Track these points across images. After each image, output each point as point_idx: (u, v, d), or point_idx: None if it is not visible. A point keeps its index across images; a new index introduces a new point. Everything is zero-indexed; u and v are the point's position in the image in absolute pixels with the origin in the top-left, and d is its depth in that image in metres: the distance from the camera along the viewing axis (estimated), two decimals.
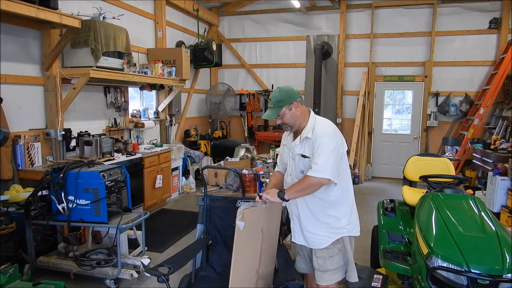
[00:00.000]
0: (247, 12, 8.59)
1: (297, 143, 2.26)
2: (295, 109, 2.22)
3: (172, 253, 3.11)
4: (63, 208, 3.22)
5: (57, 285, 2.79)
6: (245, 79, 8.84)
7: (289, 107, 2.21)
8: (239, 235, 2.03)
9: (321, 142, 2.12)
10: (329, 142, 2.12)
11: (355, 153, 7.76)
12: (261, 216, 2.20)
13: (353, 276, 2.34)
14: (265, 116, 2.27)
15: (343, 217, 2.26)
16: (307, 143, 2.20)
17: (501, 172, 5.20)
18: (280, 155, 2.49)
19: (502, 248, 2.08)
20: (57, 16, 3.76)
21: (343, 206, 2.27)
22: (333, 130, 2.21)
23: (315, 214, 2.26)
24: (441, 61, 7.54)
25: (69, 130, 4.60)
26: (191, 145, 7.56)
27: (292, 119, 2.23)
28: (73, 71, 4.43)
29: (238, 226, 2.02)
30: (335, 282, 2.29)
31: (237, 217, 2.03)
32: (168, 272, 2.14)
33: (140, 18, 6.18)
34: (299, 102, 2.24)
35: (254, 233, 2.15)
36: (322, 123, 2.23)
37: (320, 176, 2.07)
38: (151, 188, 5.53)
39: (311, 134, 2.18)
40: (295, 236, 2.36)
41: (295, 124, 2.25)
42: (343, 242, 2.28)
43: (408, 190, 3.60)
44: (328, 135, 2.15)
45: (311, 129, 2.20)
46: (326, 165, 2.07)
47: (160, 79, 5.89)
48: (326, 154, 2.09)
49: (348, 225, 2.28)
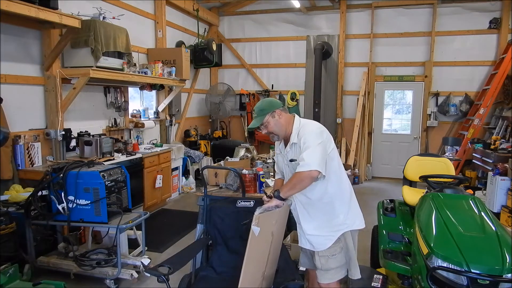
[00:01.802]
0: (247, 12, 8.59)
1: (288, 149, 2.33)
2: (279, 116, 2.28)
3: (172, 253, 3.10)
4: (63, 208, 3.22)
5: (57, 285, 2.79)
6: (245, 79, 8.84)
7: (272, 115, 2.27)
8: (253, 239, 2.02)
9: (306, 139, 2.17)
10: (314, 138, 2.17)
11: (355, 153, 7.77)
12: (274, 220, 2.21)
13: (355, 274, 2.35)
14: (250, 125, 2.36)
15: (341, 213, 2.28)
16: (295, 148, 2.26)
17: (501, 172, 5.20)
18: (277, 163, 2.57)
19: (502, 248, 2.08)
20: (57, 16, 3.76)
21: (340, 203, 2.29)
22: (317, 127, 2.26)
23: (313, 216, 2.29)
24: (441, 61, 7.54)
25: (69, 130, 4.60)
26: (191, 145, 7.57)
27: (277, 127, 2.29)
28: (73, 71, 4.43)
29: (253, 231, 2.02)
30: (336, 280, 2.30)
31: (253, 222, 2.03)
32: (168, 272, 2.14)
33: (140, 18, 6.18)
34: (281, 110, 2.30)
35: (265, 236, 2.16)
36: (306, 125, 2.29)
37: (307, 169, 2.09)
38: (151, 188, 5.53)
39: (297, 139, 2.24)
40: (301, 241, 2.39)
41: (280, 132, 2.32)
42: (345, 239, 2.29)
43: (408, 190, 3.59)
44: (312, 133, 2.20)
45: (296, 134, 2.27)
46: (312, 158, 2.10)
47: (160, 79, 5.89)
48: (311, 148, 2.12)
49: (347, 220, 2.29)
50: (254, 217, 2.05)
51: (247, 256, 1.99)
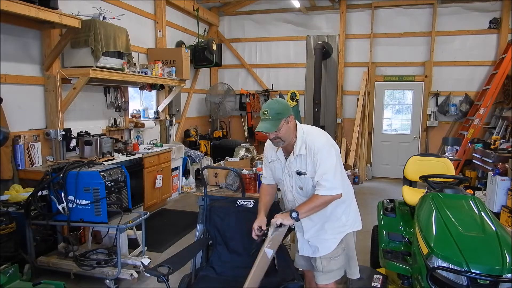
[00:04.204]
0: (247, 12, 8.59)
1: (291, 160, 2.20)
2: (290, 122, 2.14)
3: (172, 253, 3.10)
4: (63, 208, 3.22)
5: (57, 285, 2.78)
6: (245, 79, 8.84)
7: (286, 120, 2.10)
8: (263, 260, 2.00)
9: (321, 157, 2.09)
10: (329, 155, 2.10)
11: (355, 153, 7.77)
12: (282, 235, 2.20)
13: (355, 273, 2.36)
14: (262, 128, 2.09)
15: (342, 215, 2.28)
16: (302, 159, 2.16)
17: (501, 172, 5.20)
18: (266, 167, 2.40)
19: (502, 248, 2.08)
20: (57, 16, 3.75)
21: (341, 205, 2.28)
22: (326, 138, 2.18)
23: (316, 221, 2.27)
24: (441, 61, 7.54)
25: (69, 130, 4.60)
26: (191, 145, 7.56)
27: (288, 133, 2.13)
28: (73, 71, 4.43)
29: (266, 253, 1.98)
30: (334, 280, 2.31)
31: (266, 244, 2.00)
32: (168, 272, 2.13)
33: (140, 18, 6.18)
34: (292, 115, 2.16)
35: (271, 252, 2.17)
36: (311, 134, 2.18)
37: (333, 194, 2.08)
38: (151, 188, 5.53)
39: (304, 150, 2.14)
40: (303, 249, 2.35)
41: (288, 138, 2.15)
42: (346, 240, 2.30)
43: (408, 190, 3.60)
44: (325, 148, 2.11)
45: (302, 144, 2.15)
46: (336, 181, 2.08)
47: (160, 79, 5.89)
48: (332, 169, 2.07)
49: (349, 221, 2.30)
50: (267, 239, 2.01)
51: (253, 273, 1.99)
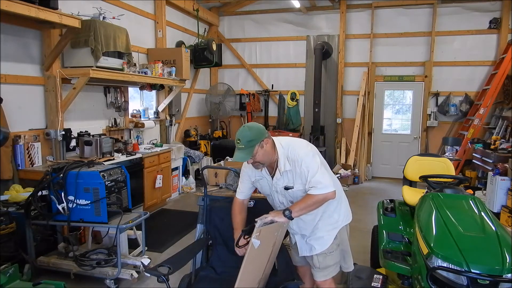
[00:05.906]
0: (247, 12, 8.59)
1: (278, 177, 2.20)
2: (266, 145, 2.10)
3: (172, 253, 3.10)
4: (63, 208, 3.22)
5: (57, 285, 2.78)
6: (245, 79, 8.84)
7: (261, 145, 2.07)
8: (252, 252, 1.98)
9: (307, 164, 2.12)
10: (313, 159, 2.13)
11: (355, 153, 7.77)
12: (276, 232, 2.18)
13: (350, 266, 2.44)
14: (237, 158, 2.08)
15: (334, 212, 2.32)
16: (288, 175, 2.17)
17: (501, 172, 5.20)
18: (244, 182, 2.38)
19: (502, 248, 2.08)
20: (57, 16, 3.75)
21: (332, 203, 2.30)
22: (305, 145, 2.21)
23: (309, 221, 2.30)
24: (441, 61, 7.54)
25: (69, 130, 4.60)
26: (191, 145, 7.56)
27: (265, 156, 2.10)
28: (73, 71, 4.43)
29: (252, 244, 1.95)
30: (331, 276, 2.34)
31: (254, 235, 1.96)
32: (168, 272, 2.13)
33: (140, 18, 6.18)
34: (267, 137, 2.12)
35: (266, 247, 2.14)
36: (290, 146, 2.17)
37: (325, 192, 2.10)
38: (151, 188, 5.53)
39: (289, 165, 2.15)
40: (302, 250, 2.38)
41: (267, 160, 2.14)
42: (339, 234, 2.34)
43: (408, 190, 3.60)
44: (306, 155, 2.14)
45: (285, 159, 2.15)
46: (325, 180, 2.10)
47: (160, 79, 5.89)
48: (319, 170, 2.11)
49: (341, 217, 2.35)
50: (255, 229, 1.99)
51: (244, 266, 1.96)
